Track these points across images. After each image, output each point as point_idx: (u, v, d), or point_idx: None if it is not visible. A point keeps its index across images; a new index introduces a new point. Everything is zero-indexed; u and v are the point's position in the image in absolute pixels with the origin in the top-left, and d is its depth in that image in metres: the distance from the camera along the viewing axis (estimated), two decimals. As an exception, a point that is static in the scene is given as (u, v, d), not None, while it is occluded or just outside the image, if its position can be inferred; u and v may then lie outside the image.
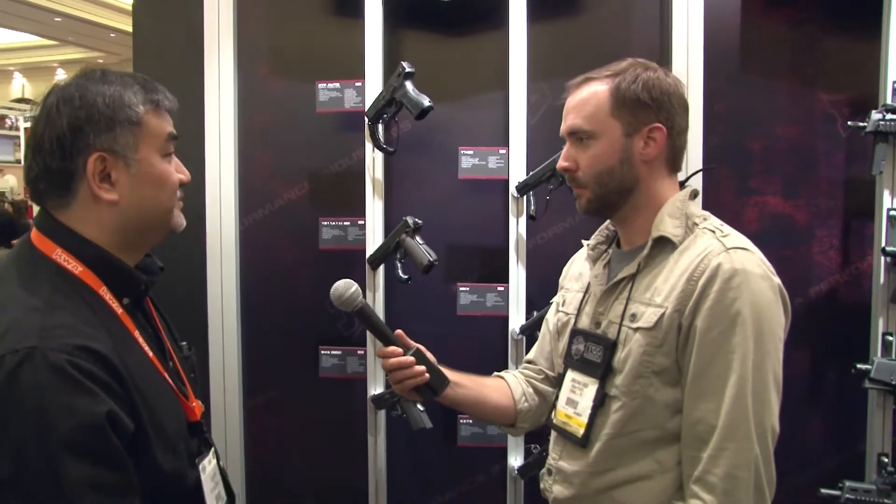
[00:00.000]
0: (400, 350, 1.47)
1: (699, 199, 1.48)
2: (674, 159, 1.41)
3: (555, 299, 1.67)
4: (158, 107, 1.19)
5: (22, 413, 0.97)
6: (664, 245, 1.36)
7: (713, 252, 1.27)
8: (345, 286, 1.43)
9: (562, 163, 1.42)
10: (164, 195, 1.21)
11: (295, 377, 2.60)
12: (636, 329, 1.33)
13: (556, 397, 1.50)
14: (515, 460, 2.42)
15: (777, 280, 1.28)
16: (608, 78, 1.37)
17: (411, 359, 1.46)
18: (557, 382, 1.52)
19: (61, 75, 15.69)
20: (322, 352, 2.52)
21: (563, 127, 1.42)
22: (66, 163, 1.11)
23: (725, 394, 1.22)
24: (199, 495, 1.21)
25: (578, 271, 1.61)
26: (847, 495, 2.19)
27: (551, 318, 1.64)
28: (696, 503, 1.24)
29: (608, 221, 1.53)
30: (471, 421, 2.45)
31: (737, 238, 1.31)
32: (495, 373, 1.70)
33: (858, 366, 2.19)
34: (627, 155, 1.36)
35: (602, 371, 1.38)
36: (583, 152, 1.39)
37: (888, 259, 2.19)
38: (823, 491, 2.21)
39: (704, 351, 1.25)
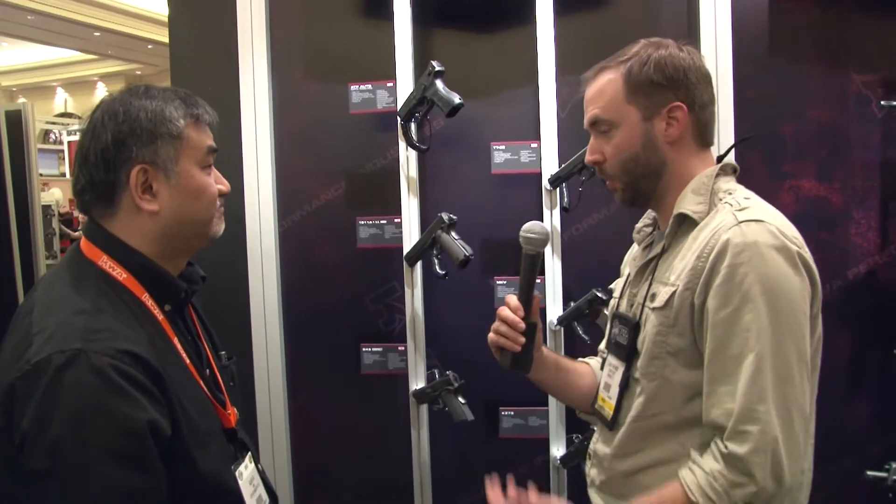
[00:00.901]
0: (522, 311, 1.42)
1: (734, 174, 1.40)
2: (702, 134, 1.37)
3: (612, 285, 1.66)
4: (199, 121, 1.25)
5: (63, 411, 1.01)
6: (688, 223, 1.33)
7: (724, 227, 1.22)
8: (542, 227, 1.39)
9: (589, 156, 1.41)
10: (202, 205, 1.26)
11: (337, 375, 2.65)
12: (652, 309, 1.31)
13: (600, 382, 1.50)
14: (558, 450, 2.44)
15: (795, 248, 1.20)
16: (620, 64, 1.34)
17: (522, 324, 1.41)
18: (602, 367, 1.53)
19: (101, 89, 16.10)
20: (363, 349, 2.57)
21: (585, 120, 1.40)
22: (109, 175, 1.17)
23: (741, 375, 1.17)
24: (238, 498, 1.25)
25: (632, 256, 1.58)
26: (894, 477, 2.18)
27: (612, 303, 1.61)
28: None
29: None
30: (512, 412, 2.48)
31: (754, 211, 1.24)
32: (580, 359, 1.70)
33: (900, 347, 2.19)
34: (650, 139, 1.34)
35: (626, 353, 1.37)
36: (606, 143, 1.37)
37: (928, 239, 2.18)
38: (869, 473, 2.20)
39: (718, 331, 1.20)
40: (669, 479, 1.27)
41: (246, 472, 1.30)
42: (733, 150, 1.48)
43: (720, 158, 1.41)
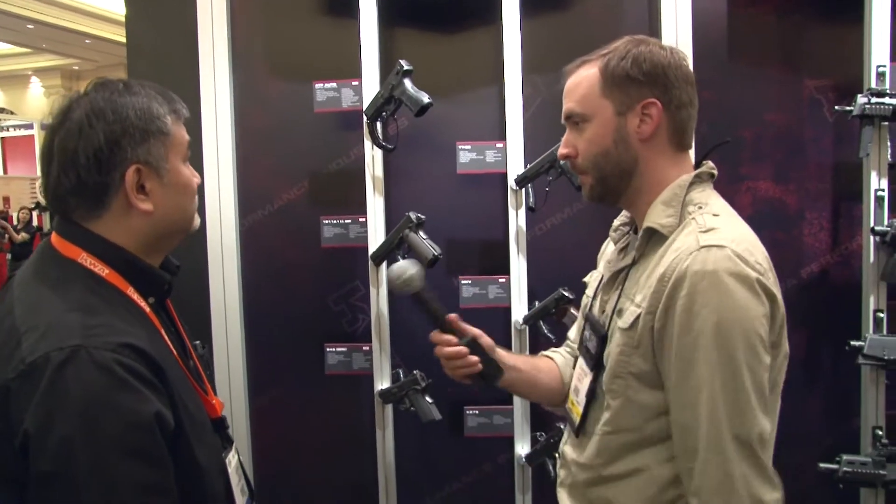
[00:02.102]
0: (454, 339, 1.44)
1: (711, 180, 1.36)
2: (678, 135, 1.32)
3: (586, 278, 1.62)
4: (179, 116, 1.23)
5: (68, 409, 0.98)
6: (658, 236, 1.29)
7: (685, 251, 1.19)
8: (400, 269, 1.40)
9: (561, 150, 1.37)
10: (189, 200, 1.25)
11: (301, 375, 2.63)
12: (619, 328, 1.29)
13: (571, 380, 1.50)
14: (522, 448, 2.46)
15: (755, 273, 1.17)
16: (600, 58, 1.31)
17: (464, 349, 1.43)
18: (574, 365, 1.52)
19: (36, 83, 15.60)
20: (328, 349, 2.55)
21: (562, 113, 1.37)
22: (103, 177, 1.13)
23: (701, 408, 1.16)
24: (228, 488, 1.24)
25: (608, 254, 1.54)
26: (844, 468, 2.26)
27: (584, 298, 1.59)
28: None
29: None
30: (477, 411, 2.49)
31: (718, 234, 1.20)
32: (542, 353, 1.69)
33: (852, 343, 2.26)
34: (622, 135, 1.30)
35: (594, 363, 1.35)
36: (579, 137, 1.34)
37: (877, 238, 2.26)
38: (822, 465, 2.27)
39: (680, 359, 1.18)
40: (628, 494, 1.29)
41: (234, 461, 1.30)
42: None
43: (698, 164, 1.37)
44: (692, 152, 1.40)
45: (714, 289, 1.15)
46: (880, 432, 2.27)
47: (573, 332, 1.68)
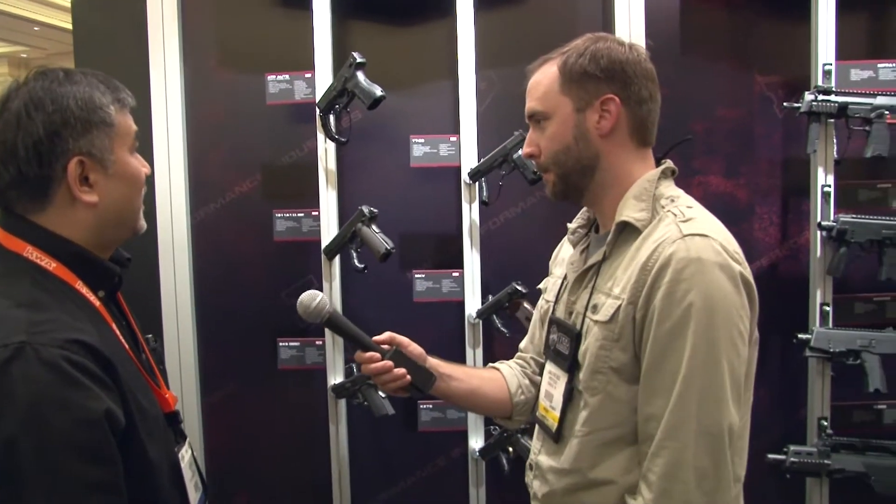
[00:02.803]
0: (377, 355, 1.44)
1: (673, 176, 1.37)
2: (639, 131, 1.32)
3: (541, 284, 1.61)
4: (124, 105, 1.19)
5: (15, 407, 0.96)
6: (629, 230, 1.28)
7: (668, 240, 1.19)
8: (310, 297, 1.41)
9: (525, 149, 1.38)
10: (136, 192, 1.22)
11: (254, 370, 2.60)
12: (595, 322, 1.28)
13: (539, 388, 1.47)
14: (476, 442, 2.46)
15: (738, 268, 1.18)
16: (560, 56, 1.32)
17: (389, 364, 1.43)
18: (541, 372, 1.49)
19: (-19, 71, 15.13)
20: (280, 344, 2.53)
21: (525, 112, 1.38)
22: (44, 169, 1.10)
23: (673, 391, 1.16)
24: (181, 484, 1.22)
25: (563, 256, 1.53)
26: (791, 459, 2.30)
27: (541, 304, 1.58)
28: (637, 500, 1.21)
29: None
30: (431, 405, 2.49)
31: (698, 223, 1.21)
32: (490, 364, 1.66)
33: (799, 335, 2.30)
34: (581, 131, 1.30)
35: (569, 363, 1.33)
36: (542, 135, 1.34)
37: (824, 233, 2.29)
38: (770, 456, 2.31)
39: (657, 345, 1.18)
40: (608, 497, 1.26)
41: (187, 455, 1.28)
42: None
43: (658, 161, 1.37)
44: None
45: (699, 275, 1.15)
46: (826, 423, 2.32)
47: (524, 343, 1.67)
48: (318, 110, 2.35)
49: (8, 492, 0.96)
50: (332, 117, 2.34)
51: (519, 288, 2.33)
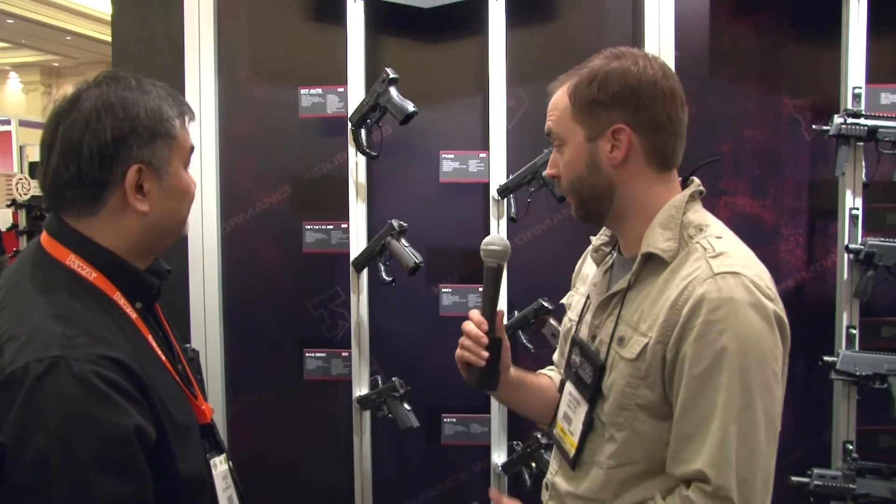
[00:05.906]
0: (486, 326, 1.37)
1: (701, 197, 1.32)
2: (657, 157, 1.26)
3: (564, 299, 1.58)
4: (186, 120, 1.22)
5: (46, 422, 0.98)
6: (656, 261, 1.24)
7: (699, 278, 1.15)
8: (501, 240, 1.40)
9: (548, 170, 1.36)
10: (185, 206, 1.24)
11: (280, 380, 2.62)
12: (622, 357, 1.24)
13: (557, 407, 1.43)
14: (499, 457, 2.47)
15: (771, 305, 1.14)
16: (573, 79, 1.28)
17: (485, 338, 1.36)
18: (559, 389, 1.46)
19: (14, 79, 15.41)
20: (307, 354, 2.55)
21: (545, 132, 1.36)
22: (103, 172, 1.11)
23: (708, 439, 1.12)
24: (213, 496, 1.23)
25: (587, 272, 1.50)
26: (815, 482, 2.28)
27: (565, 322, 1.54)
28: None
29: None
30: (454, 419, 2.50)
31: (729, 259, 1.17)
32: (540, 371, 1.65)
33: (825, 358, 2.30)
34: (594, 161, 1.26)
35: (591, 393, 1.29)
36: (561, 158, 1.31)
37: (851, 256, 2.30)
38: (793, 479, 2.30)
39: (689, 388, 1.15)
40: None
41: (221, 467, 1.27)
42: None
43: (684, 181, 1.32)
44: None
45: (732, 317, 1.12)
46: (851, 447, 2.31)
47: (557, 357, 1.65)
48: (349, 124, 2.38)
49: (42, 502, 0.97)
50: (363, 131, 2.37)
51: (545, 304, 2.34)
